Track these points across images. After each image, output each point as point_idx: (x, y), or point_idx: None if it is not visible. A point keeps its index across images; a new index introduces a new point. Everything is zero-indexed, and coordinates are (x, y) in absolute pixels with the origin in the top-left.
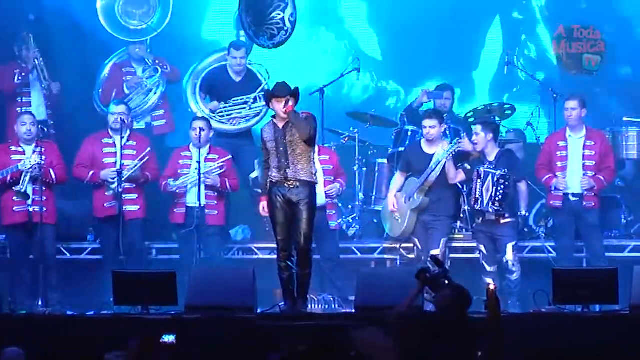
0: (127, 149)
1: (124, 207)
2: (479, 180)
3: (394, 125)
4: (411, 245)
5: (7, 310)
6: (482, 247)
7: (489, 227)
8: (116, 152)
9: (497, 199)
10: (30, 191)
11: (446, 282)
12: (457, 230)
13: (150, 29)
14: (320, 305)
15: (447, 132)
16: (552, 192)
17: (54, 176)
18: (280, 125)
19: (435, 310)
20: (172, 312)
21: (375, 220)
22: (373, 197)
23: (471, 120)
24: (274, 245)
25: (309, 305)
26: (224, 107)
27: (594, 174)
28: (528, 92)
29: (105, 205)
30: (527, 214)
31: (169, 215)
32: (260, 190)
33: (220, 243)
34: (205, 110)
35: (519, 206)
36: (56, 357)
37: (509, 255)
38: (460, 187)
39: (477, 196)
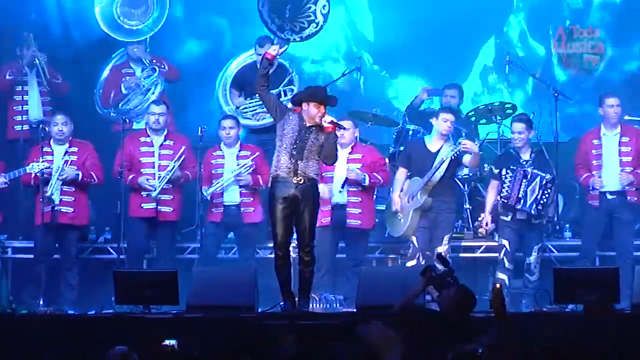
0: (165, 148)
1: (159, 208)
2: (524, 180)
3: (395, 125)
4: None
5: (9, 310)
6: (505, 243)
7: (519, 225)
8: (154, 152)
9: (541, 202)
10: (57, 195)
11: (451, 281)
12: (458, 229)
13: (147, 29)
14: (321, 305)
15: None
16: (590, 192)
17: (96, 178)
18: (308, 124)
19: (440, 309)
20: (174, 312)
21: (376, 220)
22: (375, 197)
23: (472, 119)
24: None
25: (310, 305)
26: (250, 103)
27: (632, 169)
28: (529, 90)
29: (142, 206)
30: (557, 218)
31: (207, 215)
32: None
33: (253, 242)
34: (232, 107)
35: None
36: (57, 357)
37: (533, 257)
38: (462, 186)
39: (519, 195)
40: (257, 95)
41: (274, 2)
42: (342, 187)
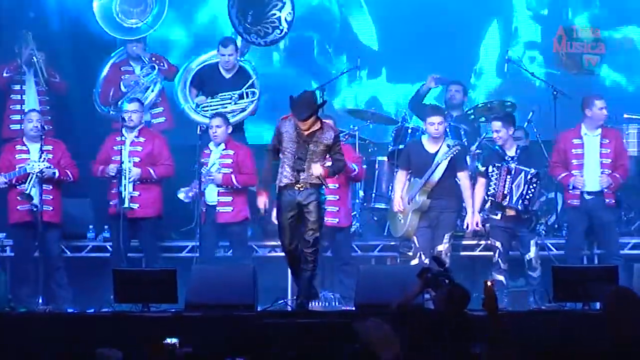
0: (135, 145)
1: (129, 205)
2: (508, 176)
3: (394, 123)
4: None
5: (8, 308)
6: (498, 244)
7: (509, 224)
8: (123, 149)
9: (527, 197)
10: (35, 192)
11: (446, 281)
12: (458, 228)
13: (146, 27)
14: (320, 303)
15: (447, 130)
16: (570, 191)
17: (71, 176)
18: (304, 132)
19: (434, 308)
20: (173, 310)
21: (375, 218)
22: (373, 195)
23: (472, 118)
24: (275, 243)
25: (310, 303)
26: (210, 102)
27: (610, 171)
28: (528, 90)
29: (110, 203)
30: (538, 211)
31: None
32: (254, 189)
33: (241, 240)
34: (192, 104)
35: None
36: (56, 355)
37: (532, 252)
38: None
39: (505, 192)
40: (219, 95)
41: (242, 5)
42: None
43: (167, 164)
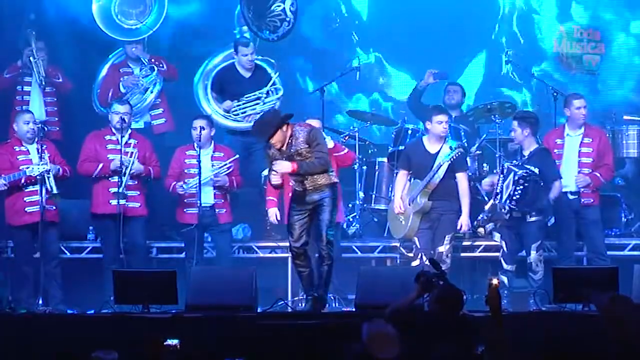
0: (128, 147)
1: (127, 204)
2: (501, 175)
3: (394, 124)
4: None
5: (8, 309)
6: (503, 244)
7: (516, 224)
8: (120, 150)
9: (514, 197)
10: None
11: (440, 282)
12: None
13: (146, 28)
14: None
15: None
16: None
17: (68, 173)
18: (283, 148)
19: (429, 309)
20: (173, 311)
21: (375, 219)
22: (373, 196)
23: (471, 119)
24: (275, 244)
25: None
26: (238, 105)
27: (590, 171)
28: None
29: (109, 202)
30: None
31: (177, 216)
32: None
33: (230, 241)
34: (219, 111)
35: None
36: (56, 356)
37: (532, 256)
38: None
39: (497, 190)
40: (245, 97)
41: (248, 3)
42: None
43: (158, 166)
